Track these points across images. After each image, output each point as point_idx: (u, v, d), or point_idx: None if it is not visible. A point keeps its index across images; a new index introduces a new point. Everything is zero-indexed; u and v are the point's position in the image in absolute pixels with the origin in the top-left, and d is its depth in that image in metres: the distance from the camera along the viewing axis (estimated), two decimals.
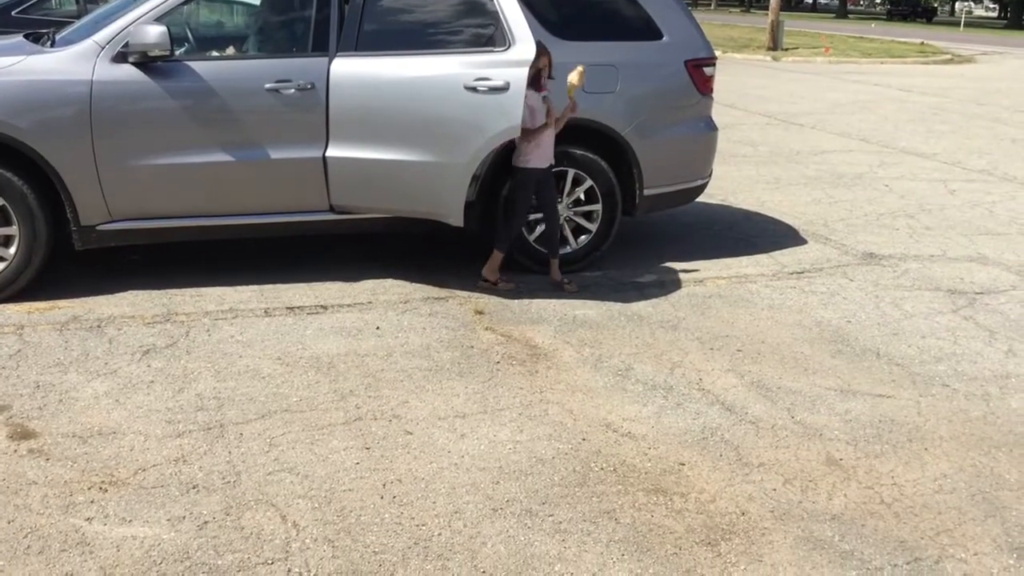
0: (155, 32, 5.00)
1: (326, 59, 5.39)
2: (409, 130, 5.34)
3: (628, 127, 5.97)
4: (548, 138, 5.56)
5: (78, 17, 11.39)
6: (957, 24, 61.02)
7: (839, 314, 5.50)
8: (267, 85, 5.31)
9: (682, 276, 6.14)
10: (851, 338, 5.13)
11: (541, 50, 5.35)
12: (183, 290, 5.45)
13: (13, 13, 13.07)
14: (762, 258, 6.62)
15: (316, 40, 5.48)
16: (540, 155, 5.57)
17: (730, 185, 8.99)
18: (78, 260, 5.63)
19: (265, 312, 5.20)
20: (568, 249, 6.06)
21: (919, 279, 6.21)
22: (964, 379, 4.64)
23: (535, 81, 5.43)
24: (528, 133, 5.45)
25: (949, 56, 29.81)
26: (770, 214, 7.95)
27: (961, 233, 7.45)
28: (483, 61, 5.32)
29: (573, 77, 5.44)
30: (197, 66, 5.30)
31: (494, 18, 5.47)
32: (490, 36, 5.54)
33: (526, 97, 5.21)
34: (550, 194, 5.71)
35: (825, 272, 6.32)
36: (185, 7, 5.43)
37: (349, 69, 5.37)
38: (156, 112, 5.19)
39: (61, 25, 6.69)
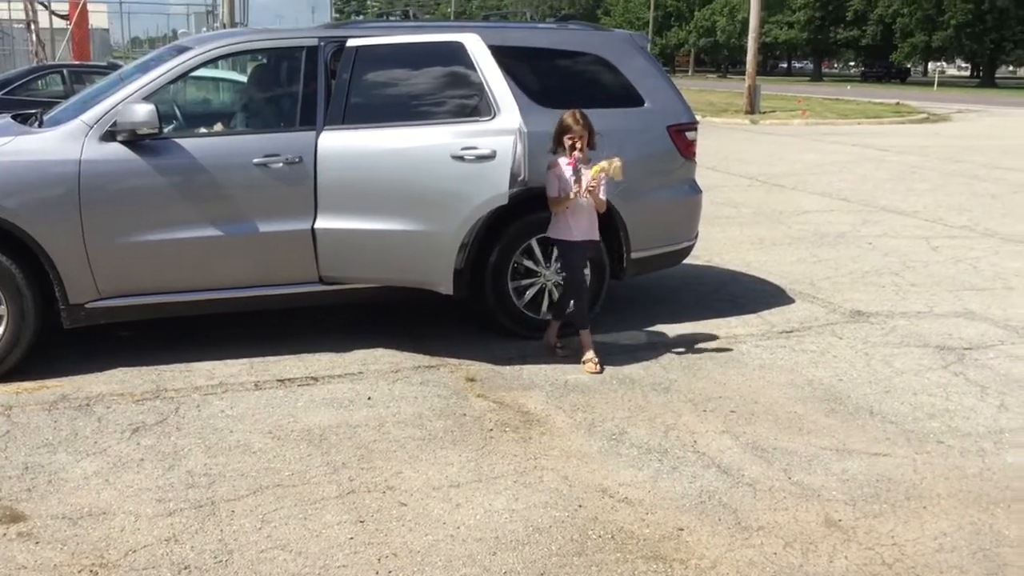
0: (143, 111, 5.05)
1: (313, 133, 5.44)
2: (397, 201, 5.38)
3: (614, 192, 6.01)
4: (584, 210, 5.49)
5: (65, 97, 11.52)
6: (931, 84, 62.30)
7: (830, 372, 5.51)
8: (255, 160, 5.35)
9: (672, 338, 6.15)
10: (844, 396, 5.13)
11: (575, 119, 5.43)
12: (172, 365, 5.42)
13: (0, 94, 13.21)
14: (751, 318, 6.64)
15: (303, 114, 5.54)
16: (579, 227, 5.53)
17: (716, 246, 9.06)
18: (67, 338, 5.59)
19: (255, 385, 5.16)
20: None
21: (908, 336, 6.24)
22: (958, 435, 4.63)
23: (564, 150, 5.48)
24: (554, 203, 5.50)
25: (925, 115, 30.36)
26: (756, 274, 8.00)
27: (947, 289, 7.50)
28: (469, 131, 5.38)
29: (607, 164, 5.31)
30: (185, 143, 5.34)
31: (478, 88, 5.55)
32: (475, 106, 5.61)
33: (553, 166, 5.34)
34: (579, 265, 5.75)
35: (814, 331, 6.34)
36: (173, 85, 5.49)
37: (336, 142, 5.42)
38: (145, 189, 5.21)
39: (48, 105, 6.73)
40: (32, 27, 23.02)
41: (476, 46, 5.61)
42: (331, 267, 5.55)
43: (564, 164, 5.44)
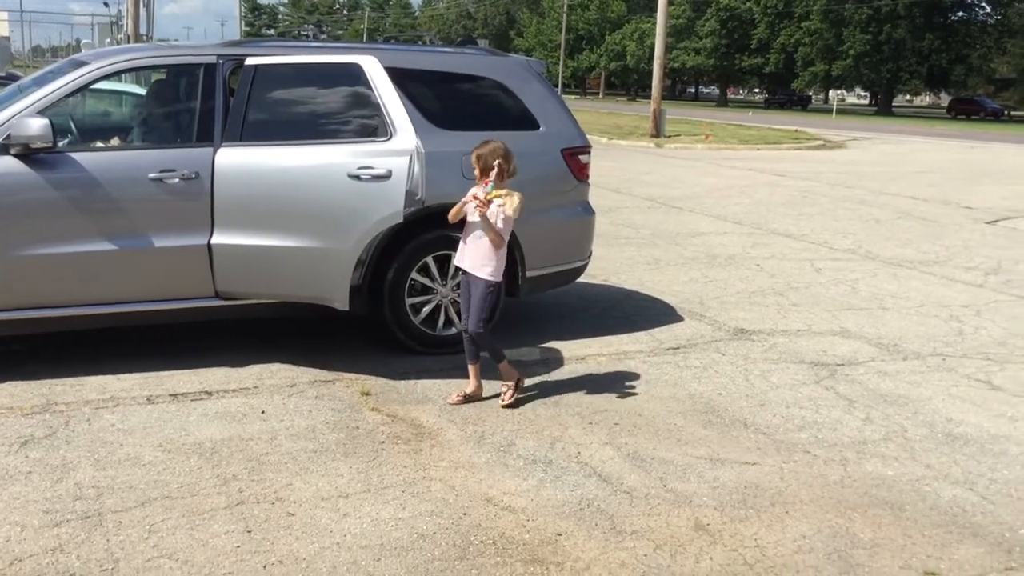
0: (37, 125, 5.05)
1: (211, 149, 5.50)
2: (294, 217, 5.48)
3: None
4: (475, 239, 5.30)
5: None
6: (830, 111, 64.53)
7: (711, 387, 5.78)
8: (151, 175, 5.38)
9: (564, 354, 6.36)
10: (721, 409, 5.40)
11: (496, 148, 5.24)
12: (64, 380, 5.40)
13: None
14: (641, 335, 6.90)
15: (201, 130, 5.59)
16: (464, 252, 5.36)
17: (612, 266, 9.34)
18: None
19: (148, 399, 5.19)
20: (453, 330, 6.22)
21: (785, 352, 6.57)
22: (824, 446, 4.93)
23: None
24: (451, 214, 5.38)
25: (821, 142, 31.51)
26: (649, 293, 8.29)
27: (825, 309, 7.90)
28: (366, 151, 5.52)
29: (504, 193, 5.14)
30: (80, 157, 5.35)
31: (375, 109, 5.68)
32: (372, 127, 5.75)
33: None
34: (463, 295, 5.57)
35: (699, 347, 6.63)
36: (69, 99, 5.50)
37: (234, 159, 5.49)
38: (38, 203, 5.20)
39: None
40: None
41: (373, 68, 5.75)
42: (227, 282, 5.60)
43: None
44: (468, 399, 5.38)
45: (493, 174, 5.14)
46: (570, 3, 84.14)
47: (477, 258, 5.27)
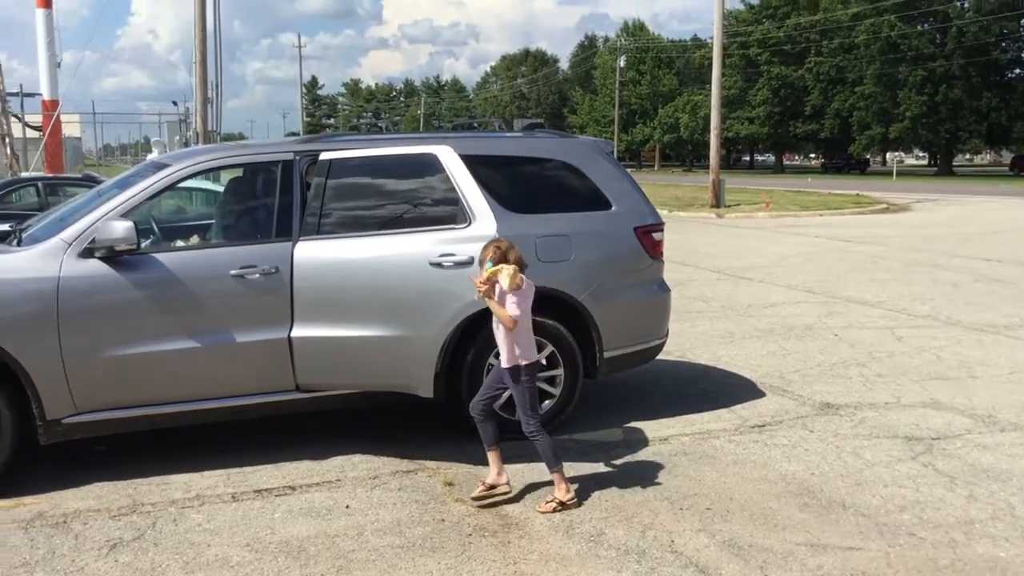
0: (121, 228, 5.16)
1: (290, 243, 5.57)
2: (376, 308, 5.53)
3: (584, 293, 6.16)
4: (500, 333, 5.11)
5: (40, 209, 11.63)
6: (890, 174, 63.86)
7: (803, 466, 5.59)
8: (232, 272, 5.45)
9: (647, 435, 6.22)
10: (816, 490, 5.20)
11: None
12: (149, 479, 5.41)
13: None
14: (723, 412, 6.74)
15: (280, 225, 5.67)
16: (502, 351, 5.15)
17: (687, 341, 9.20)
18: (43, 452, 5.57)
19: (232, 497, 5.16)
20: None
21: (877, 427, 6.35)
22: (929, 527, 4.71)
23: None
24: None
25: (885, 205, 31.11)
26: (727, 368, 8.13)
27: (913, 379, 7.65)
28: (446, 238, 5.59)
29: (497, 267, 4.93)
30: (163, 257, 5.44)
31: (453, 197, 5.79)
32: (450, 214, 5.84)
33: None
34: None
35: (785, 424, 6.44)
36: (151, 201, 5.63)
37: (312, 252, 5.56)
38: (123, 304, 5.28)
39: (23, 218, 6.81)
40: (6, 140, 23.23)
41: (449, 156, 5.85)
42: (308, 375, 5.61)
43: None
44: (491, 490, 5.12)
45: (487, 255, 4.95)
46: (622, 80, 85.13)
47: (503, 347, 5.07)
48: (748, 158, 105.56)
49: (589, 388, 6.60)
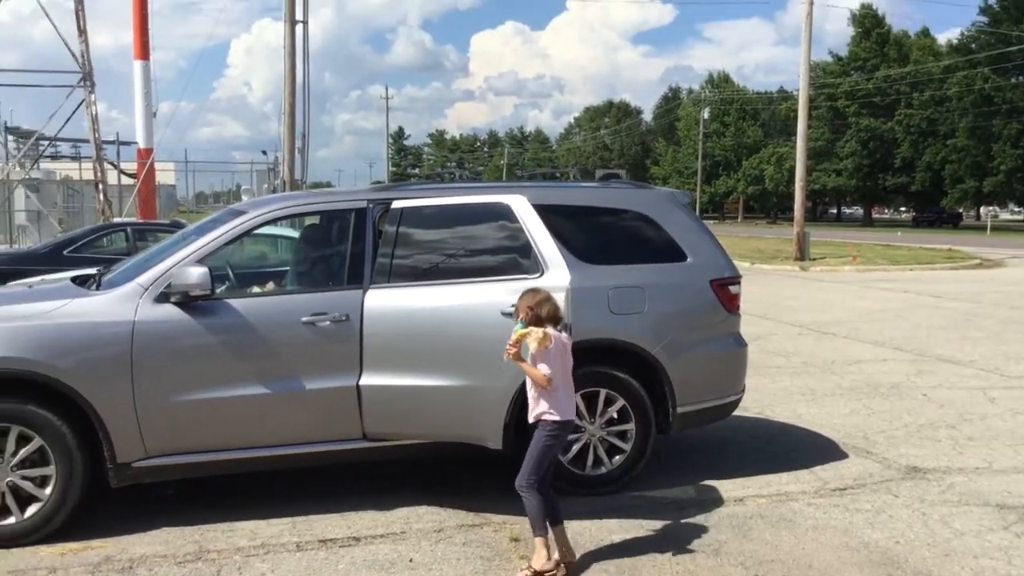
0: (196, 274, 5.23)
1: (360, 291, 5.57)
2: (445, 357, 5.49)
3: (657, 346, 6.02)
4: (530, 386, 5.02)
5: (128, 254, 11.94)
6: (984, 229, 62.02)
7: (887, 534, 5.31)
8: (303, 318, 5.47)
9: (722, 494, 6.01)
10: (901, 560, 4.93)
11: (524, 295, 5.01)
12: (215, 525, 5.41)
13: (65, 252, 13.77)
14: (803, 474, 6.48)
15: (351, 273, 5.69)
16: (530, 405, 5.03)
17: (765, 397, 8.94)
18: (112, 496, 5.62)
19: (297, 546, 5.12)
20: (603, 470, 6.00)
21: (966, 494, 6.03)
22: None
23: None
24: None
25: (978, 261, 30.11)
26: (808, 427, 7.85)
27: (1005, 443, 7.28)
28: (518, 288, 5.49)
29: (526, 330, 4.83)
30: (236, 303, 5.49)
31: (525, 247, 5.76)
32: (523, 264, 5.80)
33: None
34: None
35: (868, 488, 6.16)
36: (226, 247, 5.70)
37: (383, 300, 5.55)
38: (196, 349, 5.34)
39: (111, 263, 6.96)
40: (100, 187, 24.08)
41: (522, 206, 5.83)
42: (376, 423, 5.57)
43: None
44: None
45: (520, 312, 4.88)
46: (706, 131, 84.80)
47: (532, 403, 4.93)
48: (835, 210, 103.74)
49: (662, 443, 6.42)
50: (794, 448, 7.18)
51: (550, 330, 4.78)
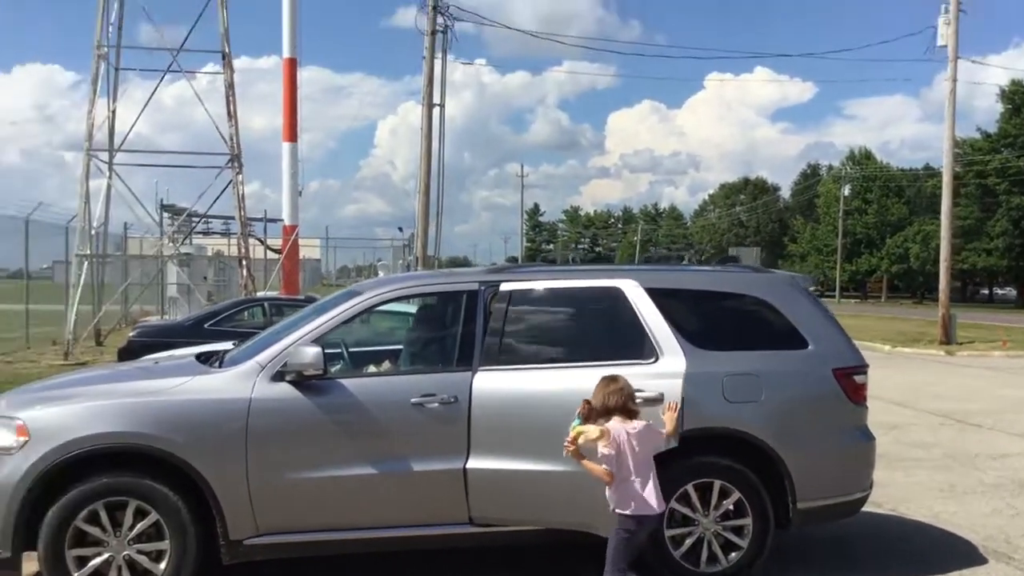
0: (311, 353, 5.34)
1: (469, 373, 5.58)
2: (555, 442, 5.40)
3: (775, 437, 5.79)
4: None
5: (264, 328, 12.36)
6: None
7: None
8: (413, 400, 5.49)
9: None
10: None
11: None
12: None
13: (206, 325, 14.38)
14: None
15: (461, 354, 5.72)
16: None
17: (899, 492, 8.45)
18: (225, 572, 5.71)
19: None
20: (718, 567, 5.75)
21: None
22: None
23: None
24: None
25: None
26: (945, 527, 7.36)
27: None
28: (632, 373, 5.44)
29: (585, 428, 4.98)
30: (349, 383, 5.59)
31: (639, 331, 5.70)
32: (636, 348, 5.72)
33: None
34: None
35: None
36: (341, 328, 5.81)
37: (492, 383, 5.55)
38: (307, 428, 5.43)
39: (248, 336, 7.18)
40: (243, 262, 25.15)
41: (635, 291, 5.78)
42: (482, 508, 5.52)
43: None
44: None
45: (578, 411, 4.89)
46: (847, 208, 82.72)
47: (608, 494, 4.90)
48: (987, 291, 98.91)
49: (782, 540, 6.12)
50: (928, 550, 6.74)
51: (613, 423, 4.75)
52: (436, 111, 27.26)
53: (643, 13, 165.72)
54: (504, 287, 5.81)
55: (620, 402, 4.90)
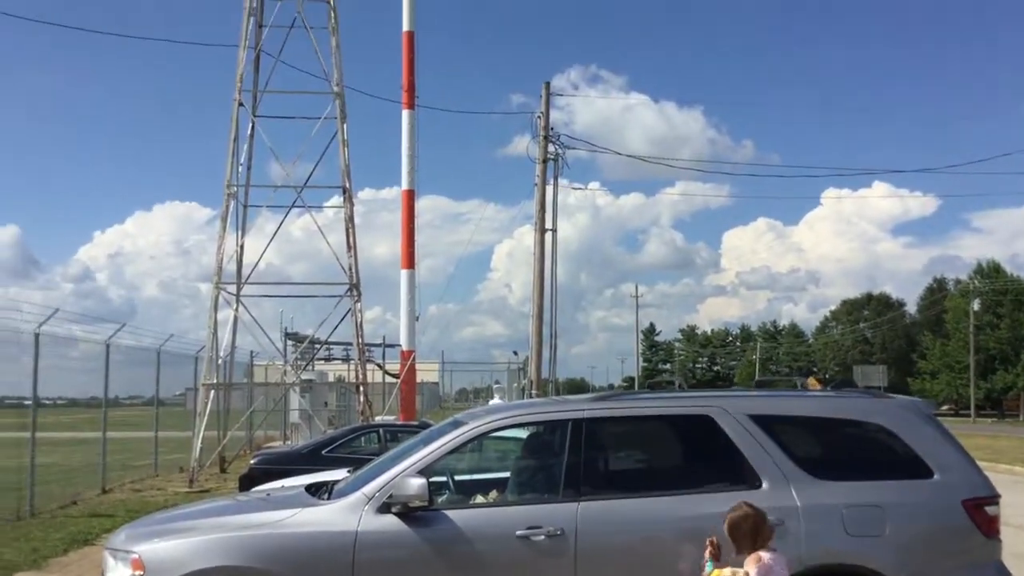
0: (416, 485, 5.36)
1: (575, 504, 5.49)
2: (661, 571, 5.27)
3: (900, 573, 5.46)
4: None
5: (379, 455, 12.48)
6: None
7: None
8: (518, 532, 5.43)
9: None
10: None
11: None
12: None
13: (323, 452, 14.62)
14: None
15: (566, 484, 5.64)
16: None
17: None
18: None
19: None
20: None
21: None
22: None
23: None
24: None
25: None
26: None
27: None
28: (733, 501, 5.25)
29: (728, 572, 4.91)
30: (454, 514, 5.57)
31: (741, 457, 5.55)
32: (742, 476, 5.57)
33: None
34: None
35: None
36: (446, 458, 5.83)
37: (597, 513, 5.45)
38: (413, 561, 5.42)
39: (364, 463, 7.25)
40: (360, 388, 25.59)
41: (739, 417, 5.69)
42: None
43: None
44: None
45: (707, 552, 4.75)
46: (977, 323, 79.42)
47: None
48: None
49: None
50: None
51: (761, 553, 4.55)
52: (549, 236, 27.73)
53: (756, 133, 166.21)
54: (609, 415, 5.77)
55: (753, 527, 4.77)
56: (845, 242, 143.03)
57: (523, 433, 6.99)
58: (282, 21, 24.83)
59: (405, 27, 28.78)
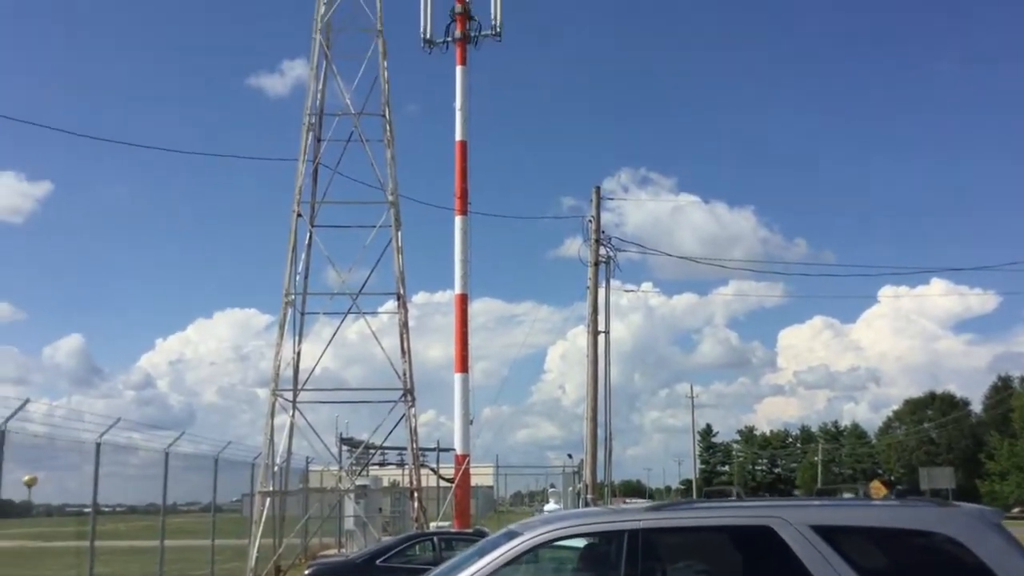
0: None
1: None
2: None
3: None
4: None
5: (434, 563, 12.37)
6: None
7: None
8: None
9: None
10: None
11: None
12: None
13: (378, 562, 14.51)
14: None
15: None
16: None
17: None
18: None
19: None
20: None
21: None
22: None
23: None
24: None
25: None
26: None
27: None
28: None
29: None
30: None
31: (803, 571, 5.42)
32: None
33: None
34: None
35: None
36: (502, 569, 5.76)
37: None
38: None
39: (418, 572, 7.18)
40: (415, 494, 25.41)
41: (799, 528, 5.58)
42: None
43: None
44: None
45: None
46: None
47: None
48: None
49: None
50: None
51: None
52: (602, 337, 27.71)
53: (808, 231, 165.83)
54: (664, 525, 5.69)
55: None
56: (905, 340, 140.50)
57: (579, 543, 6.90)
58: (339, 135, 25.67)
59: (458, 137, 29.55)
